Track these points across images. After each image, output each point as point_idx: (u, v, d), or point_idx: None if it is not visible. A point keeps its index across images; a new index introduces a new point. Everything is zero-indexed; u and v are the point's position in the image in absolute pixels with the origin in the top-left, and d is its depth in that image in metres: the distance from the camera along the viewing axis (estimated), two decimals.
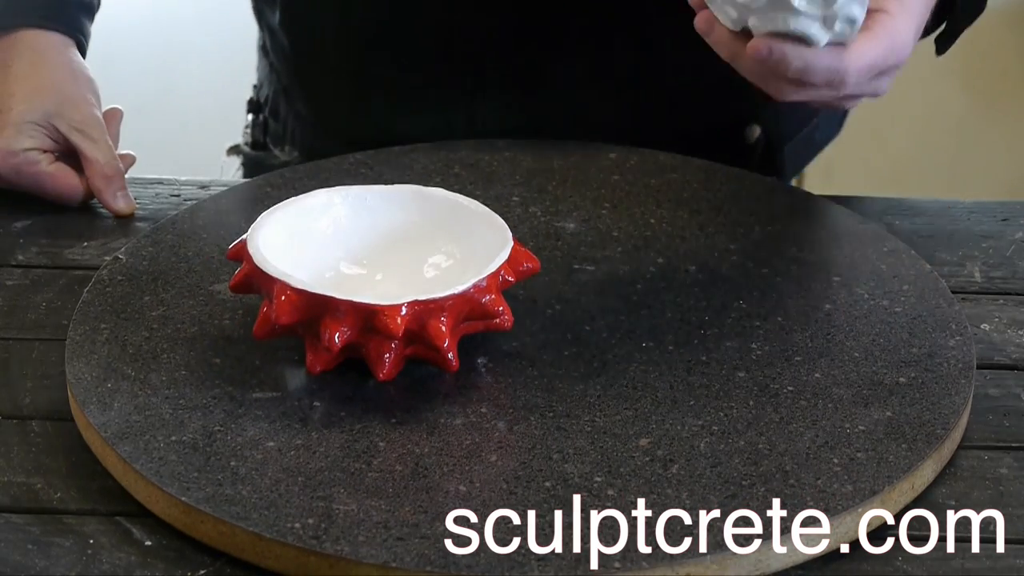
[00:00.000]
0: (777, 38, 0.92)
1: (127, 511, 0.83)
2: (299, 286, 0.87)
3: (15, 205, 1.11)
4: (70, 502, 0.84)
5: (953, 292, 1.00)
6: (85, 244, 1.07)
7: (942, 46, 1.08)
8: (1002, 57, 2.38)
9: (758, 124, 1.24)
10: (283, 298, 0.87)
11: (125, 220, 1.10)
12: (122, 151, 1.13)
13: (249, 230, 0.92)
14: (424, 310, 0.87)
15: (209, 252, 1.02)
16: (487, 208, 0.96)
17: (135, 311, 0.95)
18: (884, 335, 0.94)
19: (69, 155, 1.11)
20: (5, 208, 1.11)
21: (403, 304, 0.86)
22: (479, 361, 0.92)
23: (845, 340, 0.93)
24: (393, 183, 0.99)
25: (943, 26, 1.06)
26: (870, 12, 0.93)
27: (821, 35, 0.91)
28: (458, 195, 0.97)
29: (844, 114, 1.30)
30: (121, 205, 1.10)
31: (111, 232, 1.09)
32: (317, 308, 0.87)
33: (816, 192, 1.12)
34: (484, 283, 0.89)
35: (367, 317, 0.86)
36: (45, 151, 1.10)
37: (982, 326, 1.00)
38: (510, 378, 0.91)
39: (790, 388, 0.90)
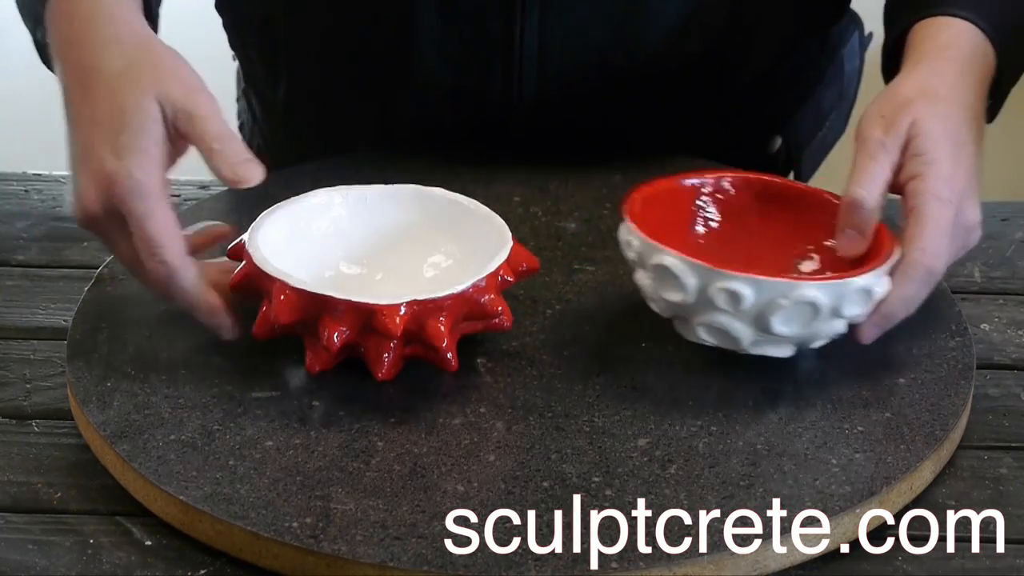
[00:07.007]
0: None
1: (127, 511, 0.83)
2: (298, 286, 0.87)
3: (16, 205, 1.11)
4: (70, 502, 0.84)
5: (953, 292, 1.00)
6: (85, 244, 1.07)
7: (990, 115, 1.02)
8: None
9: (779, 135, 1.24)
10: (282, 298, 0.87)
11: None
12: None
13: (249, 230, 0.92)
14: (423, 310, 0.87)
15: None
16: (487, 208, 0.96)
17: (135, 311, 0.95)
18: (884, 335, 0.94)
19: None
20: (5, 208, 1.11)
21: (402, 304, 0.86)
22: (479, 361, 0.92)
23: (844, 340, 0.93)
24: (393, 183, 0.98)
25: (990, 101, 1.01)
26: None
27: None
28: (458, 195, 0.97)
29: (849, 111, 1.29)
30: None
31: None
32: (316, 308, 0.87)
33: None
34: (483, 283, 0.89)
35: (366, 317, 0.86)
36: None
37: (982, 326, 1.00)
38: (509, 378, 0.91)
39: (789, 388, 0.90)
